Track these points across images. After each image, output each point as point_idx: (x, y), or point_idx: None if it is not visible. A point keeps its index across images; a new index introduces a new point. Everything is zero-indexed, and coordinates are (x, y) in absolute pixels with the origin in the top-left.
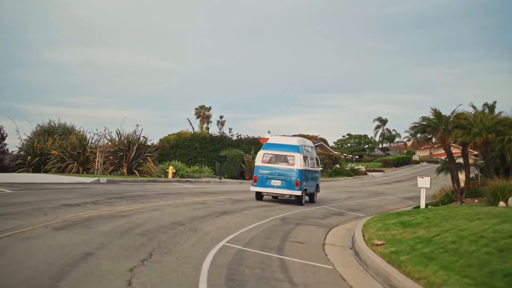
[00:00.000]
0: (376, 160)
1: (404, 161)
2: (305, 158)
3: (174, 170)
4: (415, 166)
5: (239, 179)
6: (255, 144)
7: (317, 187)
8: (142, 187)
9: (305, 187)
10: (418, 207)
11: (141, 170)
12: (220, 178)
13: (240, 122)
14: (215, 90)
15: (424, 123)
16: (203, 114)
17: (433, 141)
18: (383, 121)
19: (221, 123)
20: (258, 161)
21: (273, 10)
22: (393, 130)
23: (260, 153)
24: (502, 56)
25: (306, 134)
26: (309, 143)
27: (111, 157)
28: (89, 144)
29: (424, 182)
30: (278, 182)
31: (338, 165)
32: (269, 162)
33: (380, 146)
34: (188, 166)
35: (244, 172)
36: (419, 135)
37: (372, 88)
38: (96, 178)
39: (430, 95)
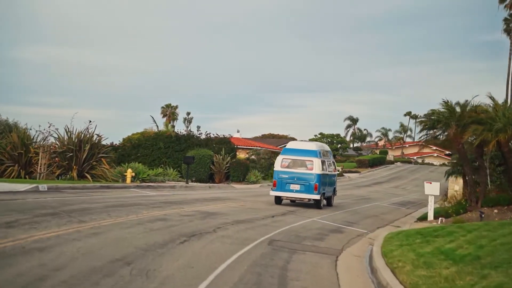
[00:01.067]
0: (349, 160)
1: (379, 161)
2: (323, 162)
3: (133, 174)
4: (390, 167)
5: (208, 182)
6: (225, 143)
7: (334, 190)
8: (90, 197)
9: (323, 191)
10: (425, 217)
11: (94, 173)
12: (187, 182)
13: (208, 122)
14: (182, 90)
15: (433, 117)
16: (169, 112)
17: (441, 138)
18: (354, 120)
19: (188, 121)
20: (277, 166)
21: (242, 9)
22: (364, 129)
23: (279, 158)
24: (467, 56)
25: (276, 133)
26: (326, 147)
27: (57, 159)
28: (34, 143)
29: (432, 189)
30: (297, 187)
31: None
32: (288, 167)
33: (352, 145)
34: (151, 169)
35: (213, 174)
36: (424, 132)
37: (340, 88)
38: (35, 185)
39: (397, 95)
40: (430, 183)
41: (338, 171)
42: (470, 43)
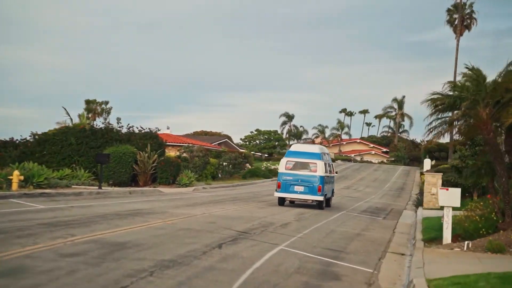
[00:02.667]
0: None
1: None
2: (325, 164)
3: (22, 177)
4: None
5: (131, 185)
6: (152, 138)
7: (333, 191)
8: None
9: (325, 193)
10: (434, 237)
11: None
12: (100, 187)
13: (138, 121)
14: (112, 88)
15: (453, 93)
16: (95, 108)
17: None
18: (289, 117)
19: (106, 112)
20: (281, 168)
21: (171, 8)
22: (301, 126)
23: (283, 160)
24: (400, 55)
25: (208, 130)
26: (326, 150)
27: None
28: None
29: (450, 198)
30: (301, 188)
31: (248, 165)
32: (292, 169)
33: (288, 143)
34: (56, 170)
35: (137, 175)
36: (433, 118)
37: (275, 87)
38: None
39: (332, 94)
40: (447, 189)
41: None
42: (402, 42)
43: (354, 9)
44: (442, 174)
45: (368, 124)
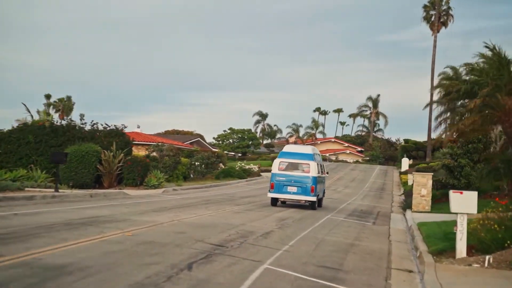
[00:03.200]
0: (262, 158)
1: None
2: (317, 165)
3: None
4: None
5: (94, 187)
6: (118, 136)
7: (324, 191)
8: None
9: (318, 193)
10: (443, 249)
11: None
12: (57, 190)
13: (107, 121)
14: (79, 87)
15: (470, 77)
16: (62, 108)
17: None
18: (263, 116)
19: (69, 108)
20: (274, 169)
21: (144, 6)
22: (274, 125)
23: (276, 161)
24: (372, 56)
25: (180, 129)
26: (317, 151)
27: None
28: None
29: (465, 204)
30: (294, 189)
31: (222, 165)
32: (285, 169)
33: (262, 142)
34: (10, 170)
35: (101, 176)
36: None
37: (249, 86)
38: None
39: (306, 94)
40: (461, 193)
41: (251, 170)
42: (376, 42)
43: (329, 8)
44: (432, 174)
45: (342, 123)
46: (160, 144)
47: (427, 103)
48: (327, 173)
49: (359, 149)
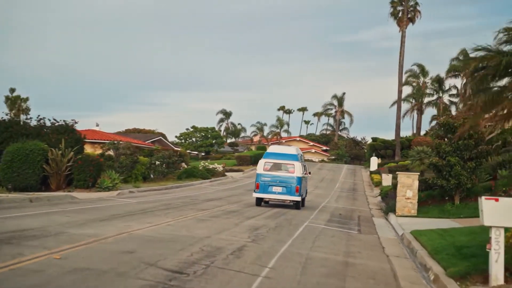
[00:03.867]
0: (227, 157)
1: (261, 157)
2: (302, 165)
3: None
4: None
5: (40, 189)
6: (67, 133)
7: (306, 191)
8: None
9: (302, 193)
10: (465, 273)
11: None
12: None
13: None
14: (37, 85)
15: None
16: (18, 106)
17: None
18: (227, 114)
19: (10, 100)
20: (259, 169)
21: (108, 5)
22: (238, 124)
23: (262, 161)
24: (334, 56)
25: (142, 128)
26: (300, 151)
27: None
28: None
29: (503, 214)
30: (279, 189)
31: (184, 164)
32: (270, 170)
33: (226, 141)
34: None
35: (48, 177)
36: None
37: (208, 86)
38: None
39: (269, 93)
40: (496, 200)
41: (215, 170)
42: (338, 42)
43: (293, 8)
44: (418, 174)
45: (307, 122)
46: (116, 141)
47: (394, 101)
48: (309, 173)
49: (324, 148)
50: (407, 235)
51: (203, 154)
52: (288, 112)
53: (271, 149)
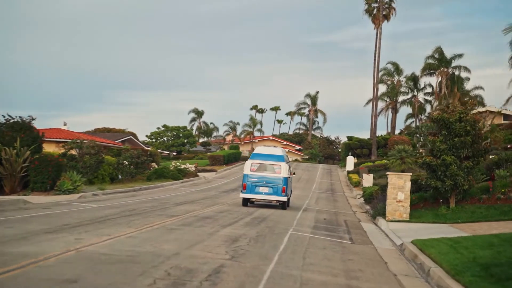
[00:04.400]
0: (199, 157)
1: (234, 157)
2: (288, 166)
3: None
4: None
5: None
6: (23, 130)
7: (291, 192)
8: None
9: (288, 193)
10: None
11: None
12: None
13: (40, 121)
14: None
15: None
16: None
17: None
18: (199, 113)
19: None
20: (246, 170)
21: (79, 4)
22: (211, 123)
23: (248, 162)
24: (301, 56)
25: (112, 127)
26: (285, 152)
27: None
28: None
29: None
30: (266, 189)
31: (155, 164)
32: (257, 170)
33: (198, 140)
34: None
35: (2, 180)
36: None
37: (181, 85)
38: None
39: (241, 93)
40: None
41: (187, 170)
42: (303, 43)
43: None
44: (411, 174)
45: (280, 122)
46: (79, 140)
47: (369, 99)
48: (294, 173)
49: (298, 147)
50: (409, 246)
51: (174, 153)
52: (261, 111)
53: (258, 150)
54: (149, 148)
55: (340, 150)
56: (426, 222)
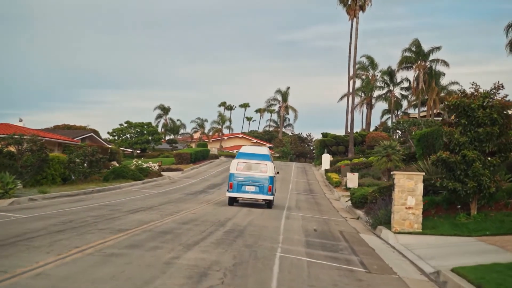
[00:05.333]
0: (164, 155)
1: (202, 155)
2: (273, 165)
3: None
4: (216, 162)
5: None
6: None
7: (275, 191)
8: None
9: (274, 192)
10: None
11: None
12: None
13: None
14: None
15: None
16: None
17: None
18: (165, 109)
19: None
20: (233, 169)
21: (43, 2)
22: (178, 120)
23: (235, 161)
24: (267, 55)
25: (72, 124)
26: (269, 152)
27: None
28: None
29: None
30: (252, 188)
31: (115, 163)
32: (243, 170)
33: (164, 138)
34: None
35: None
36: None
37: (147, 84)
38: None
39: (197, 92)
40: None
41: (149, 169)
42: (267, 43)
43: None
44: (423, 174)
45: (249, 119)
46: (17, 135)
47: (344, 94)
48: (278, 172)
49: (268, 145)
50: (454, 278)
51: (138, 151)
52: (230, 108)
53: (244, 149)
54: (110, 146)
55: (313, 147)
56: (444, 234)
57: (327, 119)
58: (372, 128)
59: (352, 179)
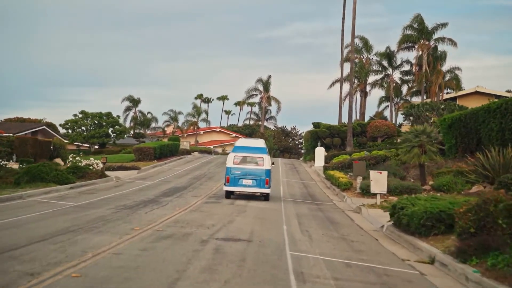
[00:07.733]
0: (126, 151)
1: (170, 150)
2: (269, 158)
3: None
4: (187, 158)
5: None
6: None
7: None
8: None
9: (270, 185)
10: None
11: None
12: None
13: None
14: None
15: None
16: None
17: None
18: (135, 101)
19: None
20: (229, 163)
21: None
22: (148, 112)
23: (231, 155)
24: (241, 52)
25: (26, 117)
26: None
27: None
28: None
29: None
30: (249, 182)
31: (59, 160)
32: (239, 163)
33: (134, 131)
34: None
35: None
36: None
37: (117, 82)
38: None
39: (174, 90)
40: None
41: (89, 169)
42: (244, 40)
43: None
44: None
45: (228, 112)
46: None
47: (335, 79)
48: (273, 163)
49: None
50: None
51: (96, 147)
52: (207, 101)
53: (240, 142)
54: (64, 140)
55: (302, 141)
56: None
57: (314, 114)
58: (367, 119)
59: (379, 181)
